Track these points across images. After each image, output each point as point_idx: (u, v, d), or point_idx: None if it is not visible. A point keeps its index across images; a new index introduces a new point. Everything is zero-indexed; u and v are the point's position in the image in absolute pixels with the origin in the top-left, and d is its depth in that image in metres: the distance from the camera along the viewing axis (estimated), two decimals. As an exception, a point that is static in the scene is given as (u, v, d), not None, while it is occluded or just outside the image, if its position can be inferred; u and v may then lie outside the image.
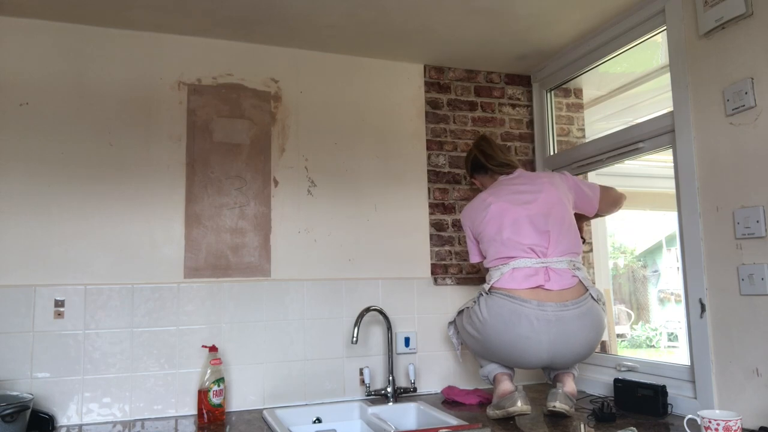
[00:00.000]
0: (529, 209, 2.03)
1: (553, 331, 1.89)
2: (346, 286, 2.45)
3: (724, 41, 1.83)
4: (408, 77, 2.67)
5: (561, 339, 1.90)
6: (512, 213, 2.03)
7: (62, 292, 2.09)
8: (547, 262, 1.96)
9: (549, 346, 1.90)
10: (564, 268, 1.96)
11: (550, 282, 1.93)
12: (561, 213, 2.04)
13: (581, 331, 1.91)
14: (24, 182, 2.10)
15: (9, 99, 2.12)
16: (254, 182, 2.37)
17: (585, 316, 1.92)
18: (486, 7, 2.15)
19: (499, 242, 2.03)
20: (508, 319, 1.91)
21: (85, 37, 2.22)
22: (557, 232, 2.00)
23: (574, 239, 2.04)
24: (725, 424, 1.54)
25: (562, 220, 2.03)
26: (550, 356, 1.93)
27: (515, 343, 1.91)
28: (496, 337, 1.94)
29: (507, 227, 2.02)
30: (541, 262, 1.96)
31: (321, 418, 2.20)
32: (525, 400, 1.88)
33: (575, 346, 1.92)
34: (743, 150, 1.77)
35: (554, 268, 1.96)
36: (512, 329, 1.90)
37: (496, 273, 2.01)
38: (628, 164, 3.18)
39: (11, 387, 1.98)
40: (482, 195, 2.16)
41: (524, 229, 2.00)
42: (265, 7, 2.13)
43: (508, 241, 2.01)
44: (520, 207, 2.04)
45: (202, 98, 2.34)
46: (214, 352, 2.13)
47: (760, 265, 1.70)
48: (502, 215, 2.04)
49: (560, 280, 1.94)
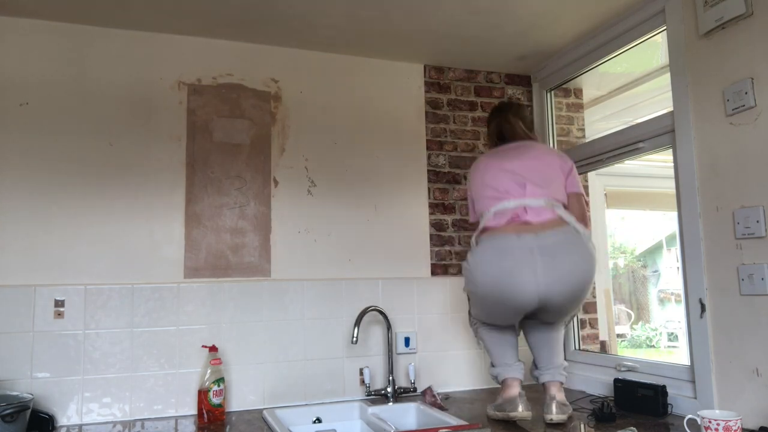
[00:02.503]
0: (512, 164, 2.01)
1: (538, 261, 1.83)
2: (346, 286, 2.45)
3: (724, 41, 1.83)
4: (408, 77, 2.67)
5: (548, 270, 1.83)
6: (495, 166, 2.03)
7: (62, 292, 2.09)
8: (525, 201, 1.94)
9: (536, 279, 1.82)
10: (542, 205, 1.93)
11: (528, 215, 1.90)
12: (546, 171, 2.01)
13: (568, 258, 1.84)
14: (24, 182, 2.10)
15: (9, 99, 2.12)
16: (254, 182, 2.37)
17: (570, 245, 1.86)
18: (486, 7, 2.15)
19: (483, 195, 2.03)
20: (491, 257, 1.89)
21: (85, 37, 2.22)
22: (535, 183, 1.97)
23: (556, 192, 1.99)
24: (725, 424, 1.54)
25: (545, 176, 2.00)
26: (542, 292, 1.84)
27: (502, 279, 1.85)
28: (484, 281, 1.90)
29: (490, 179, 2.02)
30: (519, 202, 1.94)
31: (321, 418, 2.20)
32: (526, 405, 1.89)
33: (564, 275, 1.83)
34: (743, 150, 1.77)
35: (532, 206, 1.93)
36: (497, 265, 1.87)
37: (481, 222, 2.02)
38: (628, 164, 3.18)
39: (11, 387, 1.98)
40: (481, 156, 2.18)
41: (503, 179, 1.99)
42: (265, 7, 2.13)
43: (490, 190, 2.01)
44: (505, 161, 2.03)
45: (202, 98, 2.34)
46: (214, 352, 2.13)
47: (760, 265, 1.70)
48: (487, 169, 2.05)
49: (539, 214, 1.91)
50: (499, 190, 1.98)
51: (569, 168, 2.08)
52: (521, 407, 1.88)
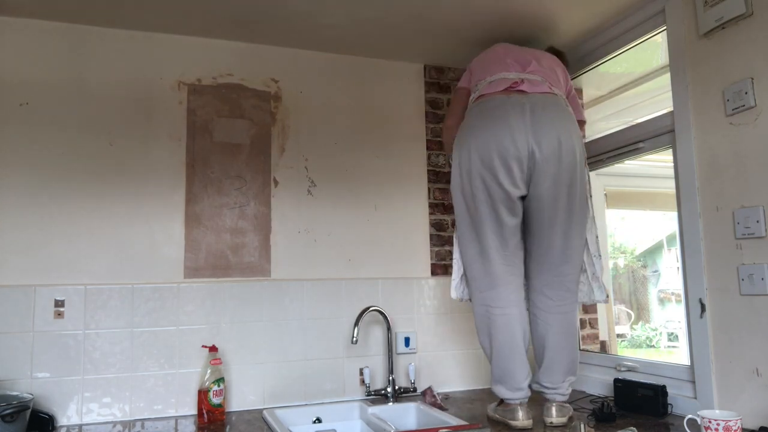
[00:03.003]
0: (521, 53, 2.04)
1: (527, 111, 1.84)
2: (346, 286, 2.45)
3: (724, 41, 1.83)
4: (408, 77, 2.67)
5: (537, 122, 1.83)
6: (502, 52, 2.06)
7: (62, 292, 2.09)
8: (524, 75, 1.94)
9: (525, 126, 1.83)
10: (539, 80, 1.94)
11: (524, 85, 1.91)
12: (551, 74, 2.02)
13: (557, 116, 1.85)
14: (24, 182, 2.10)
15: (9, 99, 2.12)
16: (254, 182, 2.37)
17: (560, 110, 1.88)
18: (486, 7, 2.15)
19: (484, 67, 2.05)
20: (481, 119, 1.90)
21: (85, 37, 2.22)
22: (537, 69, 1.98)
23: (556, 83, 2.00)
24: (725, 424, 1.54)
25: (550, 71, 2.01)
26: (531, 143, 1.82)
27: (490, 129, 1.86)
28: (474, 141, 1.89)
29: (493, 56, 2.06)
30: (518, 75, 1.95)
31: (321, 418, 2.20)
32: (527, 414, 1.86)
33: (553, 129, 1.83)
34: (743, 150, 1.77)
35: (530, 79, 1.94)
36: (487, 119, 1.88)
37: (475, 92, 2.02)
38: (628, 164, 3.18)
39: (11, 387, 1.98)
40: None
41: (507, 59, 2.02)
42: (265, 7, 2.13)
43: (492, 64, 2.02)
44: (515, 52, 2.05)
45: (202, 98, 2.34)
46: (214, 352, 2.13)
47: (760, 265, 1.70)
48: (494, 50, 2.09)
49: (535, 86, 1.92)
50: (500, 64, 2.00)
51: (570, 87, 2.10)
52: (521, 415, 1.86)
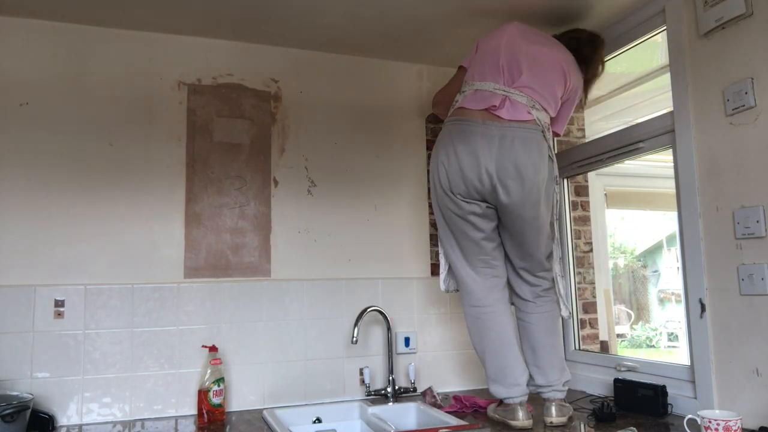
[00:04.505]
0: (531, 49, 1.97)
1: (495, 146, 1.85)
2: (346, 286, 2.45)
3: (724, 41, 1.83)
4: (408, 77, 2.67)
5: (502, 157, 1.85)
6: (517, 42, 1.98)
7: (62, 292, 2.09)
8: (509, 91, 1.91)
9: (491, 153, 1.85)
10: (522, 102, 1.90)
11: (503, 110, 1.89)
12: (549, 77, 1.96)
13: (525, 151, 1.85)
14: (24, 182, 2.10)
15: (9, 99, 2.12)
16: (254, 182, 2.37)
17: (531, 141, 1.87)
18: (486, 7, 2.15)
19: (486, 59, 1.99)
20: (452, 141, 1.92)
21: (85, 37, 2.22)
22: (530, 83, 1.94)
23: (543, 99, 1.95)
24: (725, 424, 1.54)
25: (546, 81, 1.96)
26: (495, 167, 1.85)
27: (459, 154, 1.89)
28: (445, 159, 1.92)
29: (503, 49, 1.98)
30: (504, 91, 1.91)
31: (321, 418, 2.20)
32: (527, 414, 1.86)
33: (515, 158, 1.85)
34: (743, 150, 1.77)
35: (513, 99, 1.91)
36: (457, 144, 1.90)
37: (460, 97, 2.00)
38: (628, 164, 3.18)
39: (11, 387, 1.98)
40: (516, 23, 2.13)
41: (510, 58, 1.95)
42: (265, 7, 2.13)
43: (487, 60, 1.98)
44: (528, 43, 1.98)
45: (202, 98, 2.34)
46: (214, 352, 2.13)
47: (760, 265, 1.70)
48: (512, 39, 1.99)
49: (514, 113, 1.89)
50: (493, 66, 1.95)
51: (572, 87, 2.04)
52: (521, 415, 1.85)
